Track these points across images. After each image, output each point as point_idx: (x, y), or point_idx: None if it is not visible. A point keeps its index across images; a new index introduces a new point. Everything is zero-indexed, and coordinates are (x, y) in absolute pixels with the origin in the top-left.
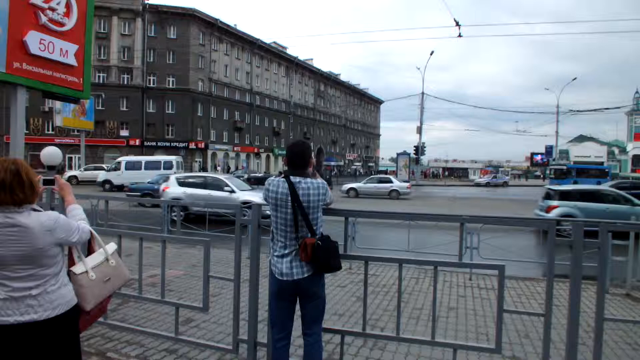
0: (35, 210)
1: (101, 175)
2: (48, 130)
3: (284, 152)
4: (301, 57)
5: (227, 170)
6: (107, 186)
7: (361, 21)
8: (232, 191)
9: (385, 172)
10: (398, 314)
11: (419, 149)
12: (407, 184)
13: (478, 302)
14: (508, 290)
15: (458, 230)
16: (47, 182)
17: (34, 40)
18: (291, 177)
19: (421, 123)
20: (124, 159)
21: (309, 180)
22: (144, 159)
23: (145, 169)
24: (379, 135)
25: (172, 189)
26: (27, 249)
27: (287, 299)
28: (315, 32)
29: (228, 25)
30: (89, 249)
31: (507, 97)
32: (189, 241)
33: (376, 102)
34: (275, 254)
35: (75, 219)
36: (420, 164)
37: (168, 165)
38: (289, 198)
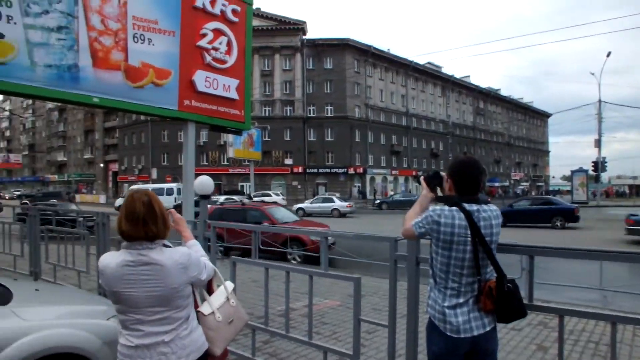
0: (166, 246)
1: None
2: (223, 162)
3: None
4: (457, 75)
5: (373, 194)
6: None
7: (521, 29)
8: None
9: (557, 192)
10: None
11: (599, 165)
12: (346, 204)
13: None
14: None
15: None
16: None
17: (201, 79)
18: (465, 205)
19: (600, 135)
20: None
21: (486, 207)
22: (150, 186)
23: None
24: (547, 152)
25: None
26: (162, 288)
27: None
28: (471, 48)
29: (381, 51)
30: (208, 288)
31: None
32: (335, 276)
33: (542, 116)
34: (445, 304)
35: (198, 255)
36: (600, 182)
37: (169, 192)
38: (468, 232)
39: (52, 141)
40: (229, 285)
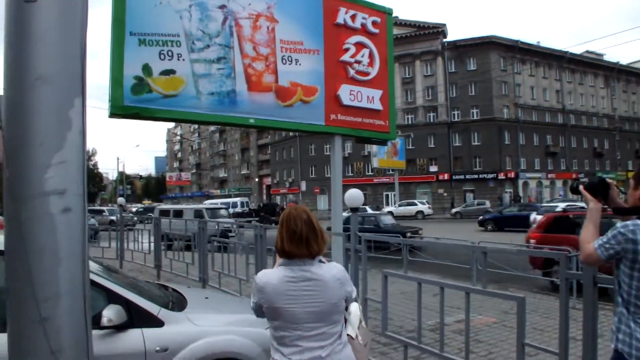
0: (321, 261)
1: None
2: (368, 172)
3: (612, 176)
4: (623, 62)
5: (515, 201)
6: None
7: None
8: None
9: None
10: None
11: None
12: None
13: None
14: None
15: None
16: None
17: (346, 93)
18: None
19: None
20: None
21: None
22: (217, 201)
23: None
24: None
25: None
26: (322, 304)
27: None
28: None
29: (530, 44)
30: None
31: None
32: (495, 294)
33: None
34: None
35: None
36: None
37: (234, 205)
38: None
39: (215, 160)
40: (355, 307)
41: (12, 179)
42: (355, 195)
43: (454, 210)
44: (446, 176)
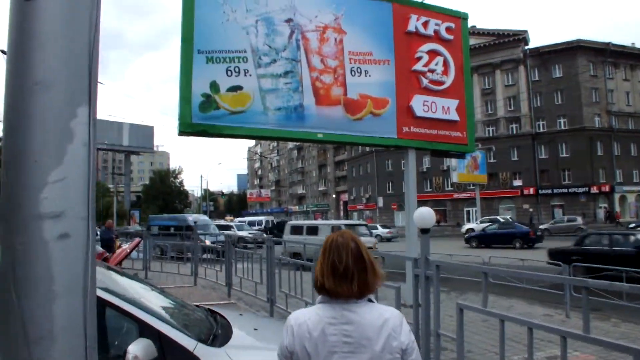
0: (370, 300)
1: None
2: (447, 187)
3: None
4: None
5: (610, 216)
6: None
7: None
8: None
9: None
10: None
11: None
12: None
13: None
14: None
15: None
16: None
17: (419, 104)
18: None
19: None
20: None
21: None
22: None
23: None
24: None
25: None
26: (366, 355)
27: None
28: None
29: (623, 46)
30: None
31: None
32: (604, 343)
33: None
34: None
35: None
36: None
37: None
38: None
39: (293, 176)
40: None
41: (6, 200)
42: (425, 214)
43: (542, 226)
44: (532, 190)
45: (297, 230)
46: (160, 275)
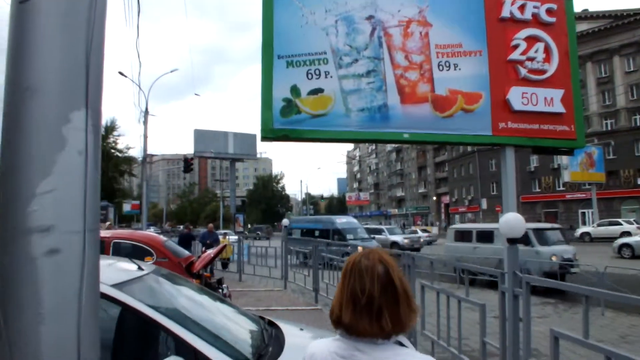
0: (400, 344)
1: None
2: (558, 187)
3: None
4: None
5: None
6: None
7: None
8: None
9: None
10: None
11: None
12: None
13: None
14: None
15: None
16: None
17: (517, 96)
18: None
19: None
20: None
21: None
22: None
23: None
24: None
25: None
26: None
27: None
28: None
29: None
30: None
31: None
32: None
33: None
34: None
35: None
36: None
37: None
38: None
39: (392, 179)
40: None
41: None
42: (513, 221)
43: None
44: None
45: (463, 236)
46: (254, 278)
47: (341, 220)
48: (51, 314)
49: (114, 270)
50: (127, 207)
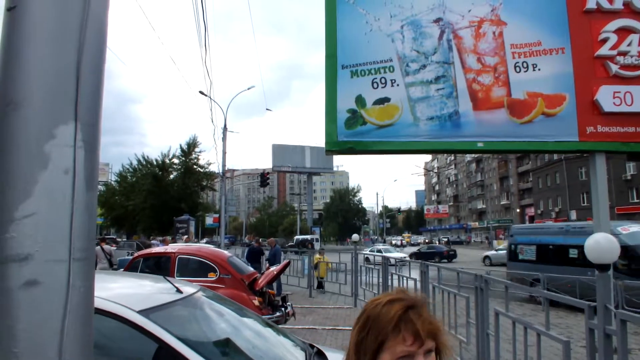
0: None
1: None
2: None
3: None
4: None
5: None
6: None
7: None
8: None
9: None
10: None
11: None
12: None
13: None
14: None
15: None
16: None
17: (607, 96)
18: None
19: None
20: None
21: None
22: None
23: None
24: None
25: None
26: None
27: None
28: None
29: None
30: None
31: None
32: None
33: None
34: None
35: None
36: None
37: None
38: None
39: (472, 191)
40: None
41: None
42: (603, 244)
43: None
44: None
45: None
46: (324, 296)
47: (628, 231)
48: (27, 353)
49: (147, 293)
50: (209, 220)
